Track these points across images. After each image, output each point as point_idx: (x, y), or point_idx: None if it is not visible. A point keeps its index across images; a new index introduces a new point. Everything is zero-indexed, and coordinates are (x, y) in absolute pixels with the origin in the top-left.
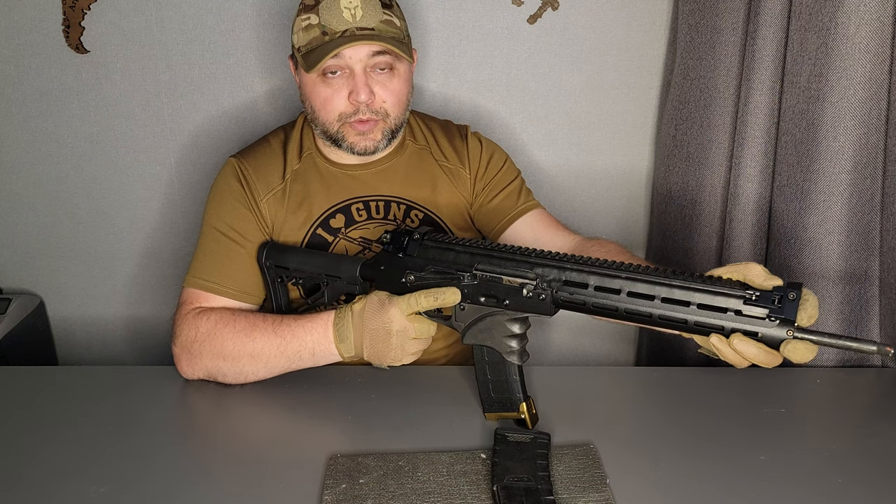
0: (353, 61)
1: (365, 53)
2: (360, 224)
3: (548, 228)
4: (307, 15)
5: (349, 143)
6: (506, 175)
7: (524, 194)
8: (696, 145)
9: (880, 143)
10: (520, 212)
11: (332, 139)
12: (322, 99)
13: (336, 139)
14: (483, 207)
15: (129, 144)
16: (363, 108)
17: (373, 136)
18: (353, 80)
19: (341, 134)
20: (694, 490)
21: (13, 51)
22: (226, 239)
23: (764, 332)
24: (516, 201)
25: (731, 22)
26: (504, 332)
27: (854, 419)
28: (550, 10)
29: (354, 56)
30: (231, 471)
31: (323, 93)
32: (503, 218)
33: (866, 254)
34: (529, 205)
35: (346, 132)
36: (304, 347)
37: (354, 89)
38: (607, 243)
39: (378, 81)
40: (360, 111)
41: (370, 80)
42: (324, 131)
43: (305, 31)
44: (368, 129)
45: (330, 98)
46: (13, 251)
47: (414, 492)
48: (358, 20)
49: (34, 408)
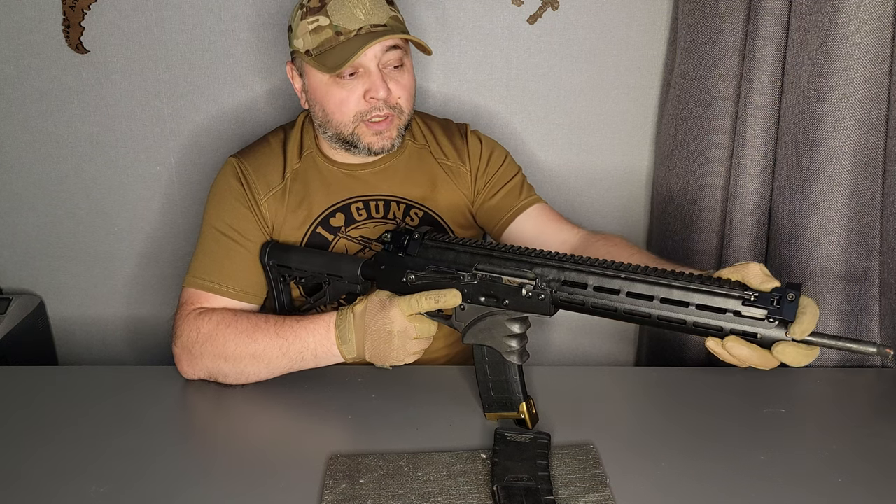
0: (367, 59)
1: (379, 50)
2: (360, 223)
3: (551, 222)
4: (314, 17)
5: (366, 144)
6: (506, 171)
7: (526, 190)
8: (696, 145)
9: (880, 143)
10: (522, 206)
11: (347, 141)
12: (337, 101)
13: (351, 141)
14: (485, 204)
15: (129, 144)
16: (380, 105)
17: (389, 135)
18: (370, 78)
19: (357, 135)
20: (694, 490)
21: (13, 51)
22: (226, 239)
23: (762, 333)
24: (518, 197)
25: (731, 22)
26: (504, 331)
27: (854, 419)
28: (550, 10)
29: (370, 54)
30: (231, 471)
31: (338, 94)
32: (506, 214)
33: (866, 254)
34: (532, 199)
35: (363, 133)
36: (306, 348)
37: (372, 87)
38: (612, 237)
39: (391, 77)
40: (376, 108)
41: (384, 76)
42: (337, 134)
43: (315, 33)
44: (385, 127)
45: (346, 99)
46: (13, 251)
47: (414, 492)
48: (370, 17)
49: (34, 408)
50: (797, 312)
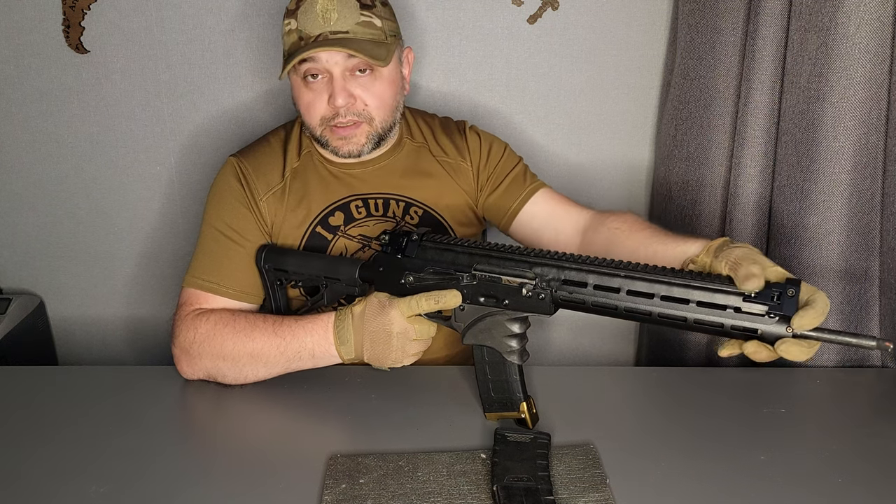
0: (330, 65)
1: (342, 57)
2: (360, 221)
3: (560, 204)
4: (289, 20)
5: (333, 147)
6: (508, 162)
7: (529, 177)
8: (696, 145)
9: (880, 143)
10: (529, 193)
11: (318, 141)
12: (305, 103)
13: (321, 142)
14: (490, 197)
15: (129, 144)
16: (343, 112)
17: (356, 141)
18: (332, 84)
19: (325, 137)
20: (694, 490)
21: (13, 51)
22: (225, 239)
23: (763, 329)
24: (523, 185)
25: (731, 22)
26: (504, 331)
27: (854, 419)
28: (550, 10)
29: (331, 60)
30: (231, 471)
31: (306, 97)
32: (513, 203)
33: (866, 254)
34: (536, 185)
35: (329, 136)
36: (304, 348)
37: (332, 93)
38: (623, 214)
39: (359, 84)
40: (340, 115)
41: (350, 83)
42: (311, 133)
43: (287, 35)
44: (350, 133)
45: (312, 102)
46: (13, 251)
47: (414, 492)
48: (332, 24)
49: (34, 408)
50: (804, 304)
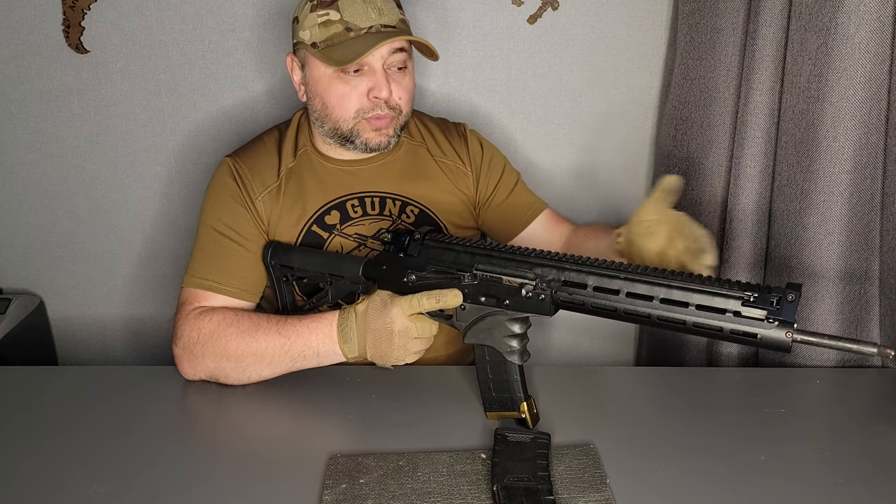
0: (373, 58)
1: (386, 51)
2: (356, 220)
3: (556, 226)
4: (325, 11)
5: (364, 139)
6: (508, 179)
7: (529, 198)
8: (696, 145)
9: (880, 143)
10: (531, 216)
11: (344, 136)
12: (339, 95)
13: (349, 136)
14: (492, 214)
15: (129, 144)
16: (382, 105)
17: (387, 132)
18: (374, 77)
19: (356, 131)
20: (694, 490)
21: (13, 51)
22: (223, 238)
23: (763, 333)
24: (528, 201)
25: (731, 22)
26: (504, 331)
27: (854, 419)
28: (550, 10)
29: (377, 53)
30: (231, 471)
31: (340, 90)
32: (515, 225)
33: (866, 254)
34: (537, 208)
35: (362, 128)
36: (308, 347)
37: (376, 86)
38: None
39: (394, 79)
40: (377, 108)
41: (388, 76)
42: (335, 129)
43: (324, 26)
44: (385, 124)
45: (347, 95)
46: (13, 251)
47: (414, 492)
48: (382, 18)
49: (34, 408)
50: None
